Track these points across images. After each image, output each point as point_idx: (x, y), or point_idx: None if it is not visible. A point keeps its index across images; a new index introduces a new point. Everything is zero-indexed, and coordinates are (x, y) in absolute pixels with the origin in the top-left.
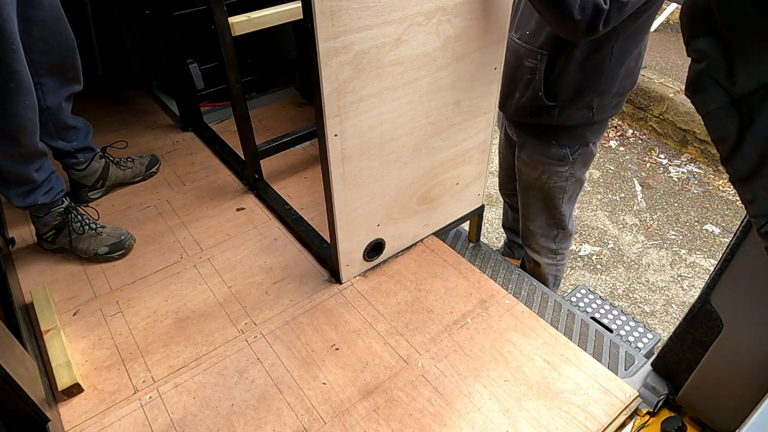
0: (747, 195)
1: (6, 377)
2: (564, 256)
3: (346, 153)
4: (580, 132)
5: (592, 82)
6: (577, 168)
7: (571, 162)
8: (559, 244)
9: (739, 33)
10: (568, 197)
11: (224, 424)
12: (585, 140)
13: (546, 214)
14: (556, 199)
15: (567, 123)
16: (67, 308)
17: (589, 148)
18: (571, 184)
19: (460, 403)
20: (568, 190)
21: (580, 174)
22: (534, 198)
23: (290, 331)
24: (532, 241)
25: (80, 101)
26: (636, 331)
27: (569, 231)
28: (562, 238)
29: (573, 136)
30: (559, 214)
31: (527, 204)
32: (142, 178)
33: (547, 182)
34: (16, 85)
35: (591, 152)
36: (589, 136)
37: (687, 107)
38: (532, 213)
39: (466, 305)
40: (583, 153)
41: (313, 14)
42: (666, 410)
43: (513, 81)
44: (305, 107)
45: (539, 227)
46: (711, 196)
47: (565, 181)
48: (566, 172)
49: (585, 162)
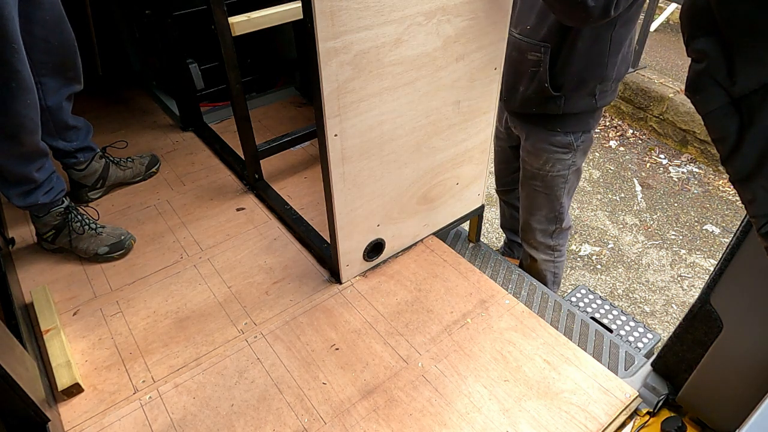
0: (747, 195)
1: (6, 377)
2: (561, 253)
3: (346, 153)
4: (584, 118)
5: (593, 70)
6: (579, 156)
7: (575, 149)
8: (556, 240)
9: (739, 33)
10: (569, 188)
11: (224, 424)
12: (588, 126)
13: (546, 207)
14: (558, 189)
15: (573, 111)
16: (67, 308)
17: (590, 135)
18: (572, 174)
19: (460, 403)
20: (569, 179)
21: (580, 163)
22: (536, 189)
23: (290, 331)
24: (531, 236)
25: (80, 101)
26: (636, 331)
27: (567, 225)
28: (559, 233)
29: (577, 122)
30: (559, 206)
31: (528, 196)
32: (142, 178)
33: (551, 171)
34: (18, 84)
35: (591, 139)
36: (591, 123)
37: (687, 107)
38: (533, 206)
39: (466, 305)
40: (585, 140)
41: (313, 14)
42: (666, 410)
43: (516, 75)
44: (305, 107)
45: (539, 222)
46: (711, 196)
47: (567, 169)
48: (569, 159)
49: (585, 149)
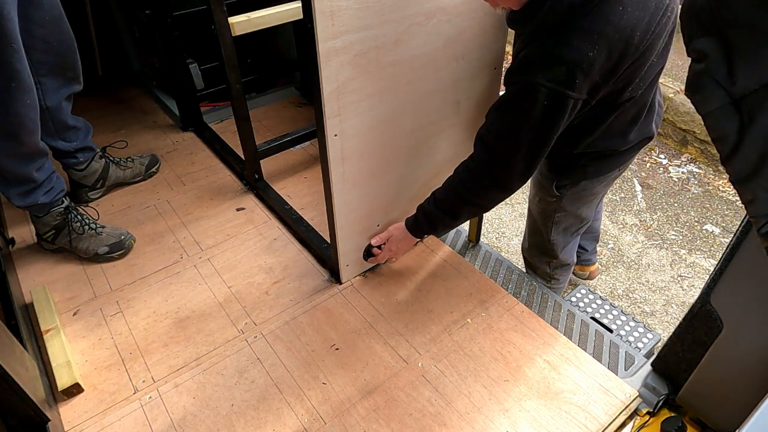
0: (747, 195)
1: (6, 377)
2: (559, 282)
3: (346, 153)
4: (570, 172)
5: (560, 142)
6: (567, 203)
7: (558, 196)
8: (554, 270)
9: (739, 33)
10: (561, 228)
11: (224, 424)
12: (575, 178)
13: (539, 236)
14: (545, 226)
15: (554, 161)
16: (67, 308)
17: (580, 186)
18: (563, 217)
19: (460, 403)
20: (559, 221)
21: (573, 210)
22: (531, 216)
23: (290, 331)
24: (530, 256)
25: (80, 101)
26: (636, 331)
27: (562, 261)
28: (556, 265)
29: (561, 171)
30: (548, 243)
31: (528, 219)
32: (142, 178)
33: (539, 206)
34: (17, 84)
35: (584, 189)
36: (581, 175)
37: (687, 107)
38: (530, 230)
39: (466, 305)
40: (574, 190)
41: (313, 14)
42: (666, 410)
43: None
44: (305, 107)
45: (534, 246)
46: (711, 196)
47: (553, 211)
48: (554, 204)
49: (578, 199)
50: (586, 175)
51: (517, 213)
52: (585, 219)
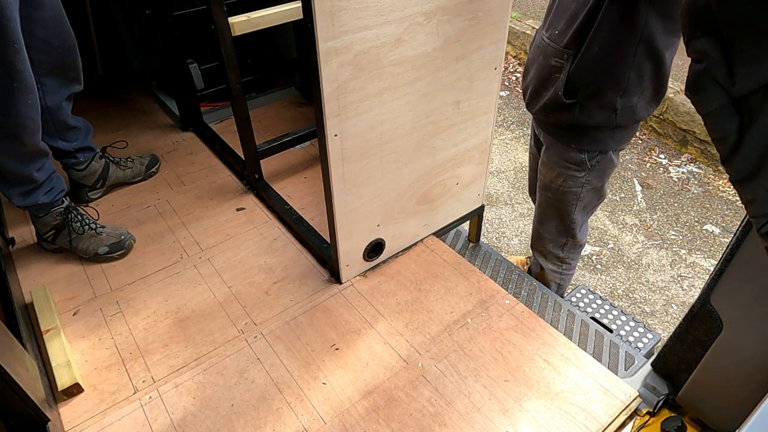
0: (747, 195)
1: (6, 377)
2: (570, 266)
3: (346, 153)
4: (601, 137)
5: (609, 80)
6: (594, 176)
7: (588, 168)
8: (567, 253)
9: (739, 33)
10: (583, 205)
11: (224, 424)
12: (605, 146)
13: (557, 219)
14: (569, 205)
15: (587, 122)
16: (67, 308)
17: (608, 156)
18: (587, 192)
19: (460, 403)
20: (582, 197)
21: (598, 183)
22: (548, 200)
23: (290, 331)
24: (540, 244)
25: (80, 101)
26: (636, 331)
27: (579, 241)
28: (570, 247)
29: (593, 140)
30: (570, 221)
31: (540, 205)
32: (142, 178)
33: (563, 186)
34: (19, 84)
35: (611, 161)
36: (610, 143)
37: (687, 107)
38: (544, 215)
39: (466, 305)
40: (602, 161)
41: (313, 14)
42: (666, 410)
43: (540, 80)
44: (305, 107)
45: (549, 232)
46: (711, 196)
47: (580, 187)
48: (582, 178)
49: (603, 171)
50: (613, 142)
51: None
52: (603, 194)
